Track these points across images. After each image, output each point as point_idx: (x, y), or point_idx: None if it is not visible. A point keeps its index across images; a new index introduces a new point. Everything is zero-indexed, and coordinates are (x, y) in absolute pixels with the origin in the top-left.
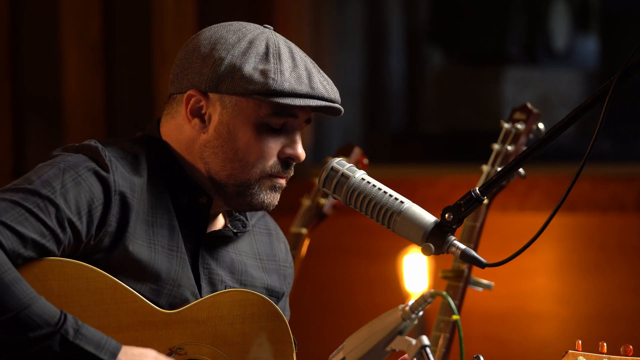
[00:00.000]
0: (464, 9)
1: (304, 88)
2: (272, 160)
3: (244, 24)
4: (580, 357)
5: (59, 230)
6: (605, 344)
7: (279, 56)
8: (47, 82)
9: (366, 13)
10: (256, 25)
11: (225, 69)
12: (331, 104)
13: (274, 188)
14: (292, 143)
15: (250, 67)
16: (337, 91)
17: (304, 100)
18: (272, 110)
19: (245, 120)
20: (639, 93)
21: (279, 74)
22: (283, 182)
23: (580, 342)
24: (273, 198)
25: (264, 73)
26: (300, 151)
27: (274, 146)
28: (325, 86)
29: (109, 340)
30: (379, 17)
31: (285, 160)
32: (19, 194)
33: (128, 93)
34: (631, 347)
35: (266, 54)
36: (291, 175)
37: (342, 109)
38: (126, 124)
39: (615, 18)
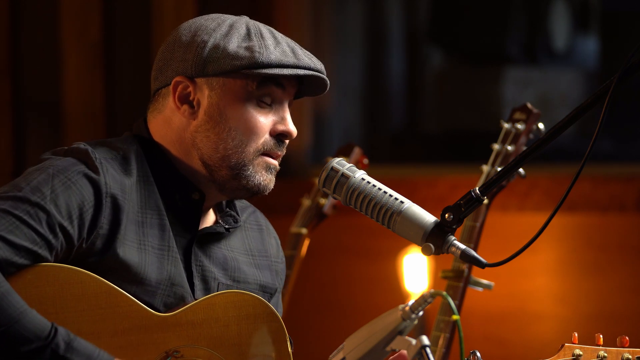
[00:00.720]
0: (464, 9)
1: (290, 59)
2: (264, 137)
3: (221, 14)
4: (577, 350)
5: (50, 237)
6: (601, 336)
7: (260, 35)
8: (47, 82)
9: (366, 13)
10: (233, 15)
11: (210, 51)
12: (318, 74)
13: (268, 169)
14: (283, 120)
15: (235, 45)
16: (322, 64)
17: (292, 69)
18: (259, 84)
19: (235, 98)
20: (639, 93)
21: (264, 48)
22: (276, 163)
23: (576, 334)
24: (269, 180)
25: (249, 49)
26: (292, 127)
27: (265, 122)
28: (311, 58)
29: (101, 353)
30: (379, 17)
31: (278, 137)
32: (8, 202)
33: (128, 93)
34: (627, 338)
35: (248, 34)
36: (284, 153)
37: (328, 82)
38: (126, 124)
39: (616, 18)
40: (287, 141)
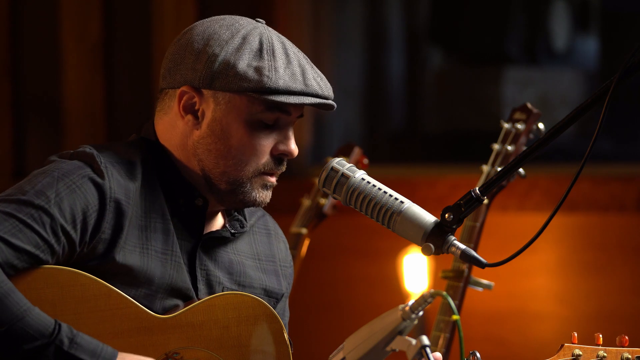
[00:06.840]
0: (464, 8)
1: (298, 85)
2: (265, 158)
3: (237, 18)
4: (576, 350)
5: (53, 241)
6: (600, 336)
7: (272, 52)
8: (47, 82)
9: (366, 13)
10: (249, 19)
11: (219, 66)
12: (325, 101)
13: (265, 186)
14: (285, 139)
15: (245, 64)
16: (331, 87)
17: (298, 97)
18: (265, 107)
19: (239, 117)
20: (639, 93)
21: (273, 71)
22: (274, 180)
23: (575, 334)
24: (265, 196)
25: (258, 70)
26: (293, 147)
27: (266, 143)
28: (319, 82)
29: (104, 347)
30: (379, 17)
31: (278, 157)
32: (12, 205)
33: (128, 93)
34: (626, 337)
35: (260, 50)
36: (283, 170)
37: (335, 105)
38: (126, 124)
39: (615, 18)
40: (286, 159)
